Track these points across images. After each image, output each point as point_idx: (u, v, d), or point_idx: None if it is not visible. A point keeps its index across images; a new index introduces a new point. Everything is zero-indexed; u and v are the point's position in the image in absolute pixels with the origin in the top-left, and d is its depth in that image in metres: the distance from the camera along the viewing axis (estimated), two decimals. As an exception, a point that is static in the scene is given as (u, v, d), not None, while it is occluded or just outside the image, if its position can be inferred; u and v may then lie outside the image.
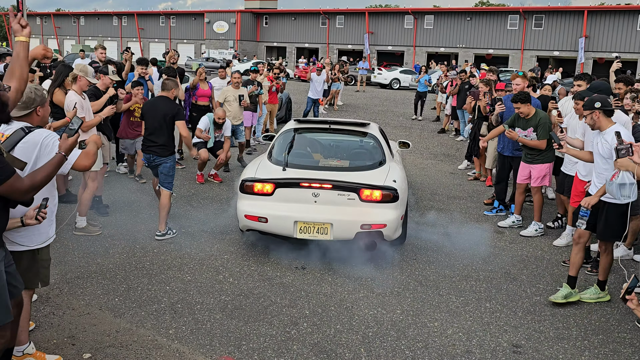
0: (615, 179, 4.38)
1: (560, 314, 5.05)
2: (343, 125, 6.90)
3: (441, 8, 49.48)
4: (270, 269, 5.68)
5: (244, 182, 5.83)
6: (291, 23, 54.87)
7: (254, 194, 5.78)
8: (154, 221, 6.83)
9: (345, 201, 5.64)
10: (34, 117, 3.46)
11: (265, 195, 5.74)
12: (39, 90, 3.52)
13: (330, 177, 5.73)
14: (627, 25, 39.25)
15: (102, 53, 9.91)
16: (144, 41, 62.88)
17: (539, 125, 6.86)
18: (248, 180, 5.83)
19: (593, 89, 5.83)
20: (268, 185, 5.73)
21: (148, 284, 5.18)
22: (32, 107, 3.44)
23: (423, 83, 17.74)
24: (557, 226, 7.41)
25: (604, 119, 4.97)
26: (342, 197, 5.65)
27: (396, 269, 5.87)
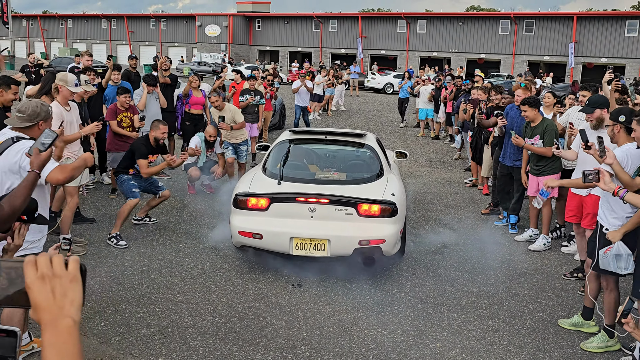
0: (610, 251, 4.24)
1: (564, 331, 4.90)
2: (339, 135, 6.72)
3: (434, 13, 49.56)
4: (265, 287, 5.48)
5: (238, 197, 5.60)
6: (284, 27, 54.73)
7: (248, 209, 5.55)
8: (143, 237, 6.61)
9: (343, 216, 5.44)
10: (35, 130, 3.50)
11: (259, 211, 5.51)
12: (44, 105, 3.57)
13: (327, 191, 5.53)
14: (615, 30, 39.51)
15: (89, 60, 9.64)
16: (134, 44, 62.46)
17: (545, 132, 6.67)
18: (242, 195, 5.59)
19: (592, 103, 5.69)
20: (263, 200, 5.50)
21: (137, 305, 4.95)
22: (35, 121, 3.51)
23: (406, 89, 17.59)
24: (556, 236, 7.26)
25: (623, 135, 4.73)
26: (339, 212, 5.45)
27: (395, 285, 5.68)
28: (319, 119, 18.71)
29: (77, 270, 1.15)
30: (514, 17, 43.48)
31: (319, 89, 18.96)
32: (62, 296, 1.10)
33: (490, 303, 5.38)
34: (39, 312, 1.09)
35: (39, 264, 1.12)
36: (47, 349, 1.06)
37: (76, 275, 1.14)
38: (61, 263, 1.13)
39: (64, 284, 1.11)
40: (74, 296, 1.11)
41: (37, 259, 1.13)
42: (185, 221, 7.38)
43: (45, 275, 1.11)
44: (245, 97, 10.89)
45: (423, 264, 6.29)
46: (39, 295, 1.10)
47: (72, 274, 1.13)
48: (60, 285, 1.11)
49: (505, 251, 6.84)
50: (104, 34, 65.23)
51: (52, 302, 1.09)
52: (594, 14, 42.87)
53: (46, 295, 1.09)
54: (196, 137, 8.61)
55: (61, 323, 1.08)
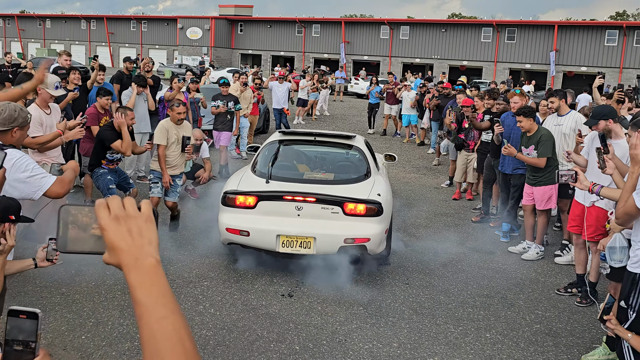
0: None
1: (563, 344, 4.77)
2: (328, 137, 6.81)
3: (417, 19, 49.79)
4: (254, 297, 5.25)
5: (226, 195, 5.72)
6: (267, 31, 54.49)
7: (236, 207, 5.64)
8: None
9: (329, 215, 5.53)
10: (8, 136, 3.29)
11: (247, 208, 5.62)
12: (23, 111, 3.33)
13: (314, 190, 5.60)
14: (595, 40, 40.15)
15: (67, 60, 9.31)
16: (114, 46, 61.59)
17: (539, 142, 6.55)
18: (230, 193, 5.71)
19: (595, 115, 5.58)
20: (250, 198, 5.61)
21: (120, 317, 4.68)
22: (9, 126, 3.27)
23: (374, 95, 17.46)
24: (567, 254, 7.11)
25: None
26: (325, 211, 5.54)
27: (389, 295, 5.51)
28: (304, 124, 18.52)
29: (150, 211, 1.10)
30: (496, 25, 43.90)
31: (303, 94, 18.78)
32: (140, 236, 1.06)
33: (486, 314, 5.24)
34: (118, 253, 1.04)
35: (111, 206, 1.07)
36: (137, 290, 1.02)
37: (150, 216, 1.10)
38: (134, 204, 1.09)
39: (140, 224, 1.07)
40: (151, 236, 1.07)
41: (109, 201, 1.08)
42: (169, 227, 7.10)
43: (120, 216, 1.06)
44: (218, 103, 10.22)
45: (416, 272, 6.13)
46: (115, 236, 1.05)
47: (146, 214, 1.09)
48: (136, 225, 1.07)
49: (499, 260, 6.72)
50: (83, 35, 64.18)
51: (130, 243, 1.05)
52: (575, 23, 43.51)
53: (123, 236, 1.05)
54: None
55: (144, 263, 1.03)
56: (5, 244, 2.80)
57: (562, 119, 6.92)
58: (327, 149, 6.96)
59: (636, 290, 3.44)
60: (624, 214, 3.43)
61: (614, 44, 39.43)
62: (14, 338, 1.20)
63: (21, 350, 1.20)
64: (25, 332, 1.20)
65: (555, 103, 6.96)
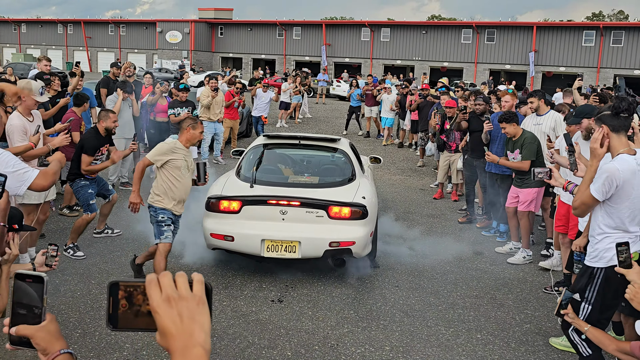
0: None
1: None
2: (313, 140, 6.80)
3: (397, 21, 50.03)
4: (244, 304, 5.19)
5: (210, 200, 5.67)
6: (247, 34, 54.31)
7: (220, 212, 5.61)
8: (110, 252, 6.22)
9: (314, 218, 5.52)
10: None
11: (231, 213, 5.59)
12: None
13: (299, 194, 5.60)
14: (573, 40, 40.73)
15: (47, 65, 9.14)
16: (92, 50, 60.81)
17: (523, 145, 6.58)
18: (214, 198, 5.66)
19: (578, 113, 5.64)
20: (235, 203, 5.58)
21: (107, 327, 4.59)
22: None
23: (355, 97, 17.45)
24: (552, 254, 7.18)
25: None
26: (310, 215, 5.54)
27: (379, 298, 5.49)
28: (287, 127, 18.47)
29: (202, 292, 1.06)
30: (475, 26, 44.31)
31: (285, 97, 18.72)
32: (191, 320, 1.02)
33: (476, 315, 5.24)
34: (168, 338, 1.01)
35: (163, 285, 1.03)
36: None
37: (202, 297, 1.05)
38: (186, 284, 1.04)
39: (192, 307, 1.03)
40: (202, 320, 1.03)
41: (160, 279, 1.04)
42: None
43: (172, 298, 1.02)
44: (179, 111, 9.52)
45: (405, 274, 6.12)
46: (166, 319, 1.01)
47: (198, 296, 1.05)
48: (187, 309, 1.02)
49: (487, 261, 6.74)
50: (60, 40, 63.25)
51: (180, 328, 1.01)
52: (553, 24, 44.13)
53: (174, 320, 1.01)
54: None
55: (192, 352, 0.99)
56: (10, 252, 2.86)
57: (542, 118, 6.98)
58: (312, 152, 6.94)
59: (592, 284, 3.54)
60: (581, 203, 3.57)
61: (592, 44, 40.05)
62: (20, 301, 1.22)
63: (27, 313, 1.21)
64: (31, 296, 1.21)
65: (535, 103, 7.02)
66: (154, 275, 1.04)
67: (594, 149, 3.48)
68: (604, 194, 3.45)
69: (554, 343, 4.73)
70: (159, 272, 1.06)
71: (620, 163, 3.43)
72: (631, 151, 3.52)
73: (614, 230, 3.53)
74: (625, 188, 3.44)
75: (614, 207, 3.50)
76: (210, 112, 11.23)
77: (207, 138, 11.25)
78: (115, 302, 1.06)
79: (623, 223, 3.51)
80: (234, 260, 6.04)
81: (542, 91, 7.54)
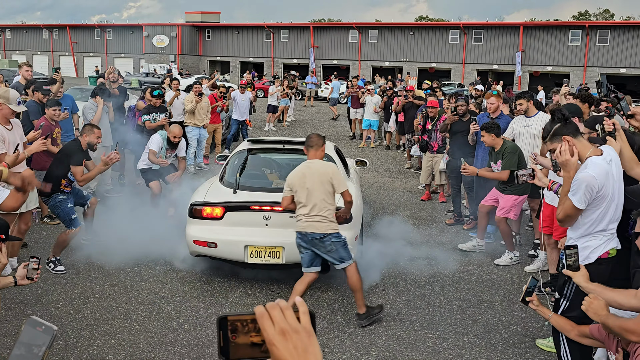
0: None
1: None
2: (298, 145, 6.70)
3: (385, 23, 50.13)
4: (229, 311, 5.14)
5: (193, 206, 5.63)
6: (234, 37, 54.20)
7: (203, 218, 5.56)
8: (94, 261, 6.12)
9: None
10: None
11: (214, 220, 5.54)
12: None
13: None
14: (559, 40, 41.02)
15: (28, 71, 9.03)
16: (78, 55, 60.39)
17: (504, 155, 6.57)
18: (197, 204, 5.61)
19: None
20: (217, 209, 5.54)
21: (89, 337, 4.52)
22: None
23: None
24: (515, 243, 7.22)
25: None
26: (294, 219, 5.37)
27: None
28: (274, 130, 18.43)
29: (310, 324, 1.10)
30: (463, 27, 44.53)
31: (273, 100, 18.68)
32: (305, 352, 1.05)
33: (463, 318, 5.23)
34: None
35: (274, 317, 1.06)
36: None
37: (311, 329, 1.09)
38: (293, 315, 1.08)
39: (304, 340, 1.07)
40: (315, 351, 1.07)
41: (271, 312, 1.08)
42: (139, 241, 6.91)
43: (285, 330, 1.06)
44: (154, 117, 9.12)
45: (392, 278, 6.10)
46: (284, 352, 1.05)
47: (308, 328, 1.09)
48: (301, 341, 1.06)
49: (474, 262, 6.73)
50: (46, 45, 62.76)
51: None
52: (539, 24, 44.41)
53: (291, 352, 1.05)
54: (158, 137, 7.72)
55: None
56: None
57: (531, 120, 6.99)
58: (297, 157, 6.92)
59: (570, 281, 3.60)
60: (565, 215, 3.62)
61: (578, 43, 40.37)
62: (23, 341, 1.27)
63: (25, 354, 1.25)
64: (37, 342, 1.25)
65: (524, 105, 7.03)
66: (263, 309, 1.07)
67: (565, 162, 3.51)
68: (586, 203, 3.50)
69: (540, 344, 4.74)
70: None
71: (594, 168, 3.47)
72: (598, 151, 3.57)
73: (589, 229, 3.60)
74: (604, 191, 3.50)
75: (590, 210, 3.55)
76: (195, 118, 11.11)
77: (192, 144, 11.14)
78: (225, 336, 1.11)
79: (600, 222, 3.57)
80: (221, 267, 5.99)
81: (530, 92, 7.56)
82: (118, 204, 7.76)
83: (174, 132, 7.76)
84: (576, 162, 3.55)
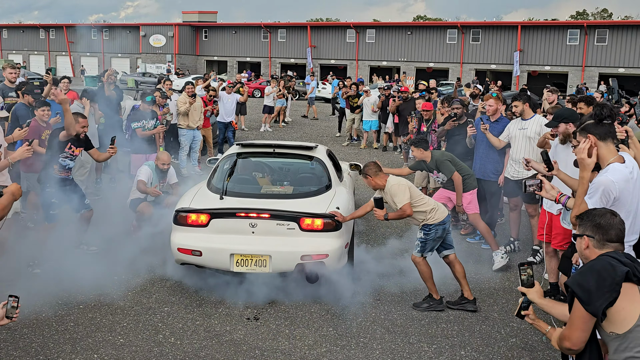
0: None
1: (540, 358, 4.62)
2: (288, 149, 6.60)
3: (383, 22, 49.95)
4: (218, 323, 4.96)
5: (178, 213, 5.45)
6: (232, 36, 53.99)
7: (188, 225, 5.38)
8: (77, 268, 5.89)
9: (285, 231, 5.30)
10: None
11: (199, 227, 5.36)
12: None
13: (270, 205, 5.39)
14: (558, 39, 40.85)
15: (12, 73, 8.73)
16: (74, 55, 60.07)
17: (438, 165, 6.73)
18: (182, 211, 5.43)
19: (556, 117, 5.51)
20: (203, 216, 5.36)
21: (71, 352, 4.34)
22: None
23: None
24: (510, 250, 7.08)
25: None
26: (281, 227, 5.32)
27: (359, 313, 5.28)
28: (271, 131, 18.26)
29: None
30: (460, 26, 44.37)
31: (269, 101, 18.50)
32: None
33: (460, 329, 5.06)
34: None
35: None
36: None
37: None
38: None
39: None
40: None
41: None
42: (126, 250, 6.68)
43: None
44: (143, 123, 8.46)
45: (387, 287, 5.92)
46: None
47: None
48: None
49: (472, 270, 6.55)
50: (42, 45, 62.47)
51: None
52: (538, 23, 44.24)
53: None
54: (146, 168, 7.10)
55: None
56: None
57: (527, 122, 6.82)
58: (287, 161, 6.77)
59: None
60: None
61: (576, 43, 40.21)
62: None
63: None
64: None
65: (519, 107, 6.86)
66: None
67: (582, 160, 3.37)
68: (602, 207, 3.32)
69: None
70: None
71: (614, 174, 3.35)
72: (620, 159, 3.43)
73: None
74: (622, 199, 3.37)
75: None
76: (189, 119, 10.89)
77: (184, 147, 10.95)
78: None
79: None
80: (212, 275, 5.80)
81: (527, 94, 7.37)
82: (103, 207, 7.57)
83: (162, 159, 7.15)
84: (592, 163, 3.41)
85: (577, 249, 2.85)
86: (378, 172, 5.38)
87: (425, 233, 5.39)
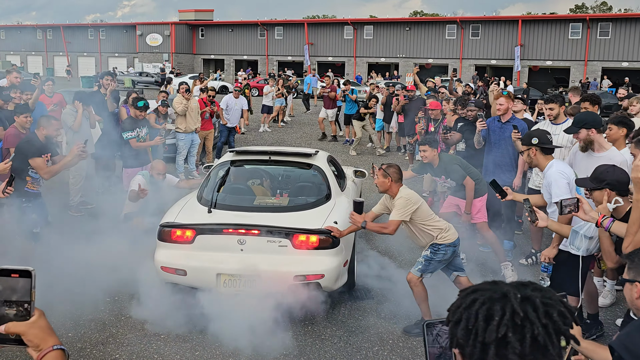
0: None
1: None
2: (285, 156, 6.07)
3: (380, 18, 49.54)
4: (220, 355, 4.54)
5: (162, 228, 5.01)
6: (228, 35, 53.56)
7: (172, 242, 4.94)
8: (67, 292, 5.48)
9: (276, 249, 4.82)
10: None
11: (184, 243, 4.91)
12: None
13: (262, 219, 4.90)
14: (559, 33, 40.44)
15: (17, 78, 8.52)
16: (72, 55, 59.69)
17: (447, 171, 6.19)
18: (166, 226, 4.99)
19: (576, 122, 5.08)
20: (188, 231, 4.90)
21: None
22: None
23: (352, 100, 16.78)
24: (532, 263, 6.65)
25: (541, 157, 4.64)
26: (272, 244, 4.82)
27: (375, 340, 4.85)
28: (270, 131, 17.84)
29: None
30: (460, 21, 43.94)
31: (267, 100, 18.10)
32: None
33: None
34: None
35: None
36: None
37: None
38: None
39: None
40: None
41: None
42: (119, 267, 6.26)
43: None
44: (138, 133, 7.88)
45: (401, 306, 5.47)
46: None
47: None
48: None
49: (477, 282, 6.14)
50: (40, 45, 62.04)
51: None
52: (538, 17, 43.83)
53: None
54: (140, 178, 6.79)
55: None
56: None
57: (558, 127, 6.26)
58: (283, 170, 6.31)
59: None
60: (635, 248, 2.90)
61: (578, 37, 39.80)
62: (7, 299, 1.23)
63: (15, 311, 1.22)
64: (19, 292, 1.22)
65: (555, 110, 6.29)
66: None
67: (635, 179, 2.86)
68: None
69: None
70: None
71: None
72: None
73: None
74: None
75: None
76: (187, 121, 10.41)
77: (182, 151, 10.51)
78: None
79: None
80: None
81: (562, 96, 6.80)
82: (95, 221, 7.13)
83: (157, 168, 6.82)
84: None
85: (627, 297, 2.35)
86: (399, 179, 4.91)
87: (433, 252, 4.88)
